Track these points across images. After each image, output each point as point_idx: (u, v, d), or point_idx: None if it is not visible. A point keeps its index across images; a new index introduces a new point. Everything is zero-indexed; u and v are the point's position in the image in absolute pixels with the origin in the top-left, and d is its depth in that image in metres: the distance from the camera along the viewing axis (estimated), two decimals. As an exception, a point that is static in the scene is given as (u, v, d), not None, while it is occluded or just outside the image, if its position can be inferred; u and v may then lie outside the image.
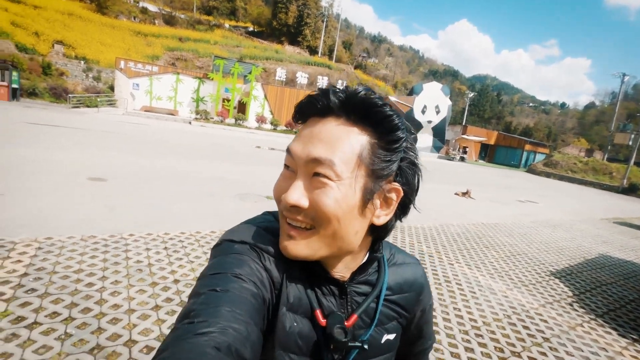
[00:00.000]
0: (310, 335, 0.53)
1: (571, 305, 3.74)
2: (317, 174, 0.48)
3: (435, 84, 31.70)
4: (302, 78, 33.01)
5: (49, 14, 32.23)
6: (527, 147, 37.49)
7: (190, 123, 23.12)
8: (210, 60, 31.17)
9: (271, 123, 26.69)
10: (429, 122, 30.39)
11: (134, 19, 44.26)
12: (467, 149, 34.16)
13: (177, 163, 8.35)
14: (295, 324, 0.52)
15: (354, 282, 0.57)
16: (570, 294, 4.07)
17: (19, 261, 2.88)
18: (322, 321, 0.53)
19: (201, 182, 6.81)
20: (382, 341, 0.59)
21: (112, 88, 26.43)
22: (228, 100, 27.51)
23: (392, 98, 30.49)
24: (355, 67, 55.10)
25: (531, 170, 31.44)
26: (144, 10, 46.60)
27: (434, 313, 3.06)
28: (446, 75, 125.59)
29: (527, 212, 9.47)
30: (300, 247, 0.50)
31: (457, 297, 3.49)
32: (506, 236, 6.43)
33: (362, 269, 0.57)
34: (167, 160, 8.45)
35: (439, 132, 31.49)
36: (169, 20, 47.36)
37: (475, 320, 3.06)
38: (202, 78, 27.37)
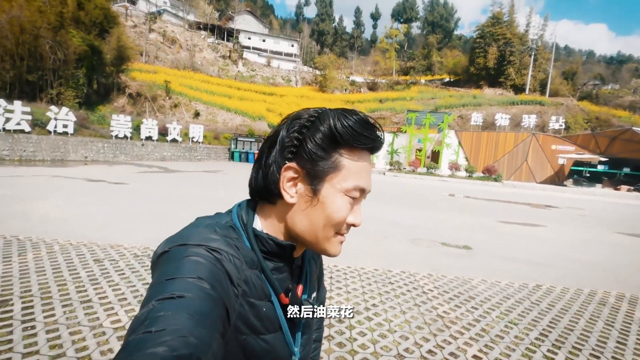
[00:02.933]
0: (274, 314, 0.60)
1: None
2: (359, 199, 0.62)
3: None
4: (502, 120, 29.90)
5: (289, 99, 43.43)
6: None
7: (384, 174, 24.85)
8: (405, 115, 33.17)
9: (465, 170, 25.09)
10: None
11: (345, 91, 53.25)
12: None
13: (372, 208, 9.20)
14: (263, 310, 0.57)
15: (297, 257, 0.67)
16: None
17: (232, 271, 3.98)
18: (286, 300, 0.61)
19: (379, 224, 7.21)
20: (312, 298, 0.69)
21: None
22: (420, 150, 28.10)
23: (641, 129, 22.84)
24: (581, 99, 45.10)
25: None
26: (353, 83, 55.44)
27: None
28: None
29: None
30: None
31: None
32: None
33: None
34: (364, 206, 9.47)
35: None
36: (372, 87, 54.24)
37: None
38: (396, 132, 29.28)
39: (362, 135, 0.57)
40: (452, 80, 54.24)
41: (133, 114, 24.63)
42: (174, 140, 22.86)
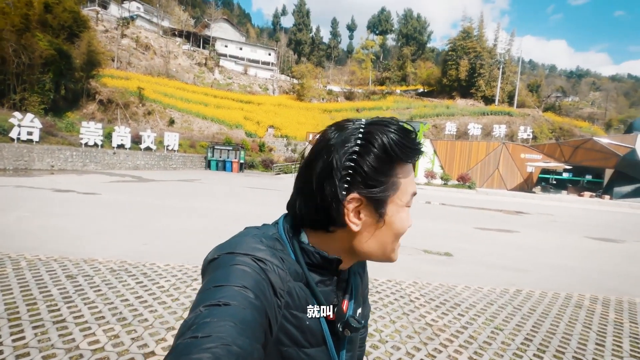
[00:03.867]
0: (318, 328, 0.59)
1: None
2: None
3: (672, 115, 23.56)
4: (474, 129, 31.05)
5: (267, 107, 43.25)
6: None
7: (362, 182, 25.12)
8: (381, 124, 33.70)
9: (441, 178, 25.78)
10: (668, 165, 22.30)
11: (322, 100, 53.69)
12: None
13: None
14: (307, 323, 0.57)
15: (343, 271, 0.65)
16: None
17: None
18: (332, 316, 0.60)
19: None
20: (357, 314, 0.66)
21: (303, 156, 32.08)
22: (398, 159, 28.63)
23: (601, 139, 24.32)
24: (546, 110, 47.66)
25: None
26: (330, 92, 56.03)
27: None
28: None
29: None
30: None
31: (696, 410, 2.32)
32: None
33: None
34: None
35: (689, 178, 22.52)
36: (349, 96, 55.01)
37: None
38: (374, 141, 29.74)
39: (412, 150, 0.57)
40: (426, 90, 55.95)
41: (104, 121, 23.73)
42: (148, 149, 22.17)
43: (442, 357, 2.74)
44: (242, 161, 26.70)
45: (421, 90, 56.75)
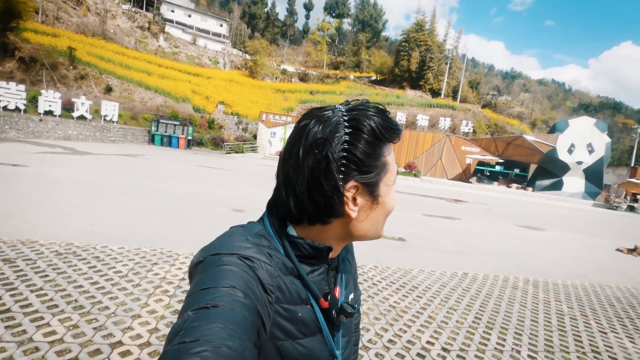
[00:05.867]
0: (312, 318, 0.59)
1: None
2: None
3: (586, 119, 26.93)
4: (422, 120, 32.66)
5: (217, 82, 41.10)
6: None
7: (314, 165, 25.31)
8: (335, 108, 33.93)
9: (390, 165, 26.91)
10: (579, 163, 25.59)
11: (276, 79, 52.41)
12: (639, 197, 27.06)
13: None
14: (299, 315, 0.57)
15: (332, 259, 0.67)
16: None
17: (180, 268, 3.68)
18: (326, 304, 0.60)
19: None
20: (350, 299, 0.68)
21: (255, 136, 31.31)
22: (349, 144, 29.22)
23: (529, 137, 27.06)
24: (484, 106, 51.57)
25: None
26: (284, 72, 54.82)
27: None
28: (603, 109, 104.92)
29: None
30: None
31: (610, 373, 2.79)
32: (699, 310, 4.79)
33: None
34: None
35: (593, 175, 26.10)
36: (303, 78, 54.35)
37: (636, 407, 2.39)
38: (328, 125, 29.93)
39: (395, 129, 0.59)
40: (378, 79, 57.20)
41: (26, 82, 20.79)
42: (81, 118, 20.02)
43: (407, 337, 2.94)
44: (189, 137, 25.32)
45: (374, 78, 57.87)
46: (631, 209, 25.57)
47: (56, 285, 2.97)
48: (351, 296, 0.70)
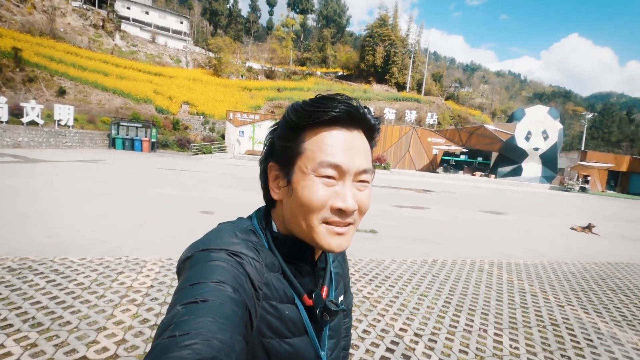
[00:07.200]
0: (298, 317, 0.59)
1: None
2: (360, 181, 0.58)
3: (540, 107, 28.56)
4: (389, 114, 33.30)
5: (180, 81, 39.73)
6: (677, 173, 30.19)
7: (285, 163, 25.16)
8: (303, 105, 33.84)
9: (360, 159, 27.28)
10: (536, 149, 27.16)
11: (242, 77, 51.44)
12: (589, 178, 29.14)
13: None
14: (286, 313, 0.57)
15: (319, 259, 0.66)
16: None
17: (148, 275, 3.54)
18: (310, 301, 0.60)
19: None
20: (339, 302, 0.68)
21: (223, 136, 30.64)
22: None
23: (490, 127, 28.35)
24: (447, 99, 53.41)
25: (686, 201, 25.07)
26: (250, 69, 53.87)
27: (535, 358, 2.71)
28: (555, 97, 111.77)
29: (677, 252, 7.56)
30: (348, 241, 0.58)
31: (567, 343, 3.00)
32: (643, 279, 5.25)
33: None
34: (257, 194, 9.37)
35: (549, 160, 27.79)
36: (269, 75, 53.70)
37: (590, 372, 2.58)
38: (296, 122, 29.79)
39: (312, 112, 0.56)
40: (345, 74, 57.63)
41: (-34, 86, 19.16)
42: (32, 123, 18.71)
43: (381, 325, 3.01)
44: (153, 140, 24.36)
45: (340, 73, 58.25)
46: (583, 190, 27.51)
47: (10, 304, 2.77)
48: (341, 298, 0.69)
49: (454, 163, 30.77)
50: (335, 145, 0.56)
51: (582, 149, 38.42)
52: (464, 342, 2.85)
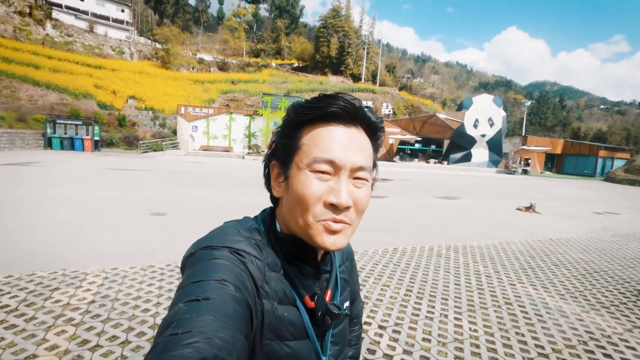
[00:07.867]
0: (299, 320, 0.58)
1: (668, 330, 3.16)
2: (356, 178, 0.57)
3: (485, 96, 30.29)
4: (346, 105, 33.63)
5: (124, 74, 37.07)
6: (602, 153, 33.61)
7: (243, 158, 24.49)
8: (259, 98, 33.19)
9: (319, 151, 27.30)
10: (483, 135, 28.84)
11: (193, 69, 49.13)
12: (530, 161, 31.57)
13: (225, 194, 8.84)
14: (285, 314, 0.56)
15: (323, 262, 0.65)
16: (666, 316, 3.45)
17: (88, 290, 3.20)
18: (311, 304, 0.59)
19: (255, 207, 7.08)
20: (344, 307, 0.67)
21: (175, 132, 29.15)
22: (277, 133, 28.89)
23: (441, 115, 29.61)
24: (400, 89, 54.96)
25: (610, 178, 27.99)
26: (201, 61, 51.59)
27: (492, 338, 2.79)
28: (498, 87, 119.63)
29: (606, 226, 8.37)
30: (344, 240, 0.56)
31: (520, 320, 3.14)
32: (580, 252, 5.72)
33: None
34: (214, 192, 8.99)
35: (495, 146, 29.67)
36: (222, 67, 51.82)
37: (542, 347, 2.71)
38: (253, 115, 29.11)
39: (310, 108, 0.56)
40: (300, 65, 57.17)
41: None
42: (-52, 123, 16.46)
43: (345, 321, 2.95)
44: (97, 138, 22.55)
45: (296, 65, 57.70)
46: (525, 172, 29.76)
47: None
48: (346, 304, 0.69)
49: (409, 152, 31.84)
50: (331, 140, 0.56)
51: (523, 134, 41.49)
52: (427, 329, 2.88)
